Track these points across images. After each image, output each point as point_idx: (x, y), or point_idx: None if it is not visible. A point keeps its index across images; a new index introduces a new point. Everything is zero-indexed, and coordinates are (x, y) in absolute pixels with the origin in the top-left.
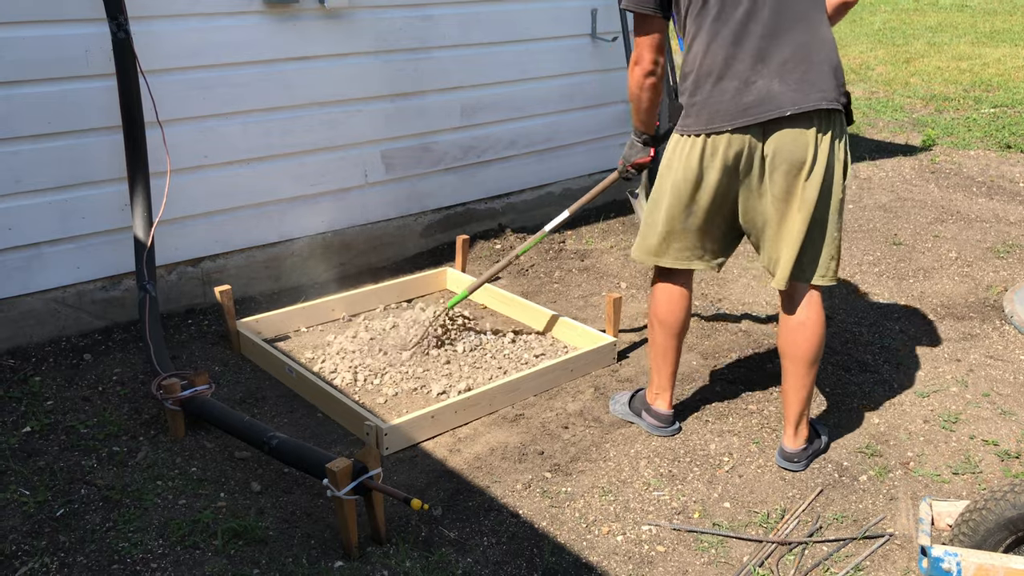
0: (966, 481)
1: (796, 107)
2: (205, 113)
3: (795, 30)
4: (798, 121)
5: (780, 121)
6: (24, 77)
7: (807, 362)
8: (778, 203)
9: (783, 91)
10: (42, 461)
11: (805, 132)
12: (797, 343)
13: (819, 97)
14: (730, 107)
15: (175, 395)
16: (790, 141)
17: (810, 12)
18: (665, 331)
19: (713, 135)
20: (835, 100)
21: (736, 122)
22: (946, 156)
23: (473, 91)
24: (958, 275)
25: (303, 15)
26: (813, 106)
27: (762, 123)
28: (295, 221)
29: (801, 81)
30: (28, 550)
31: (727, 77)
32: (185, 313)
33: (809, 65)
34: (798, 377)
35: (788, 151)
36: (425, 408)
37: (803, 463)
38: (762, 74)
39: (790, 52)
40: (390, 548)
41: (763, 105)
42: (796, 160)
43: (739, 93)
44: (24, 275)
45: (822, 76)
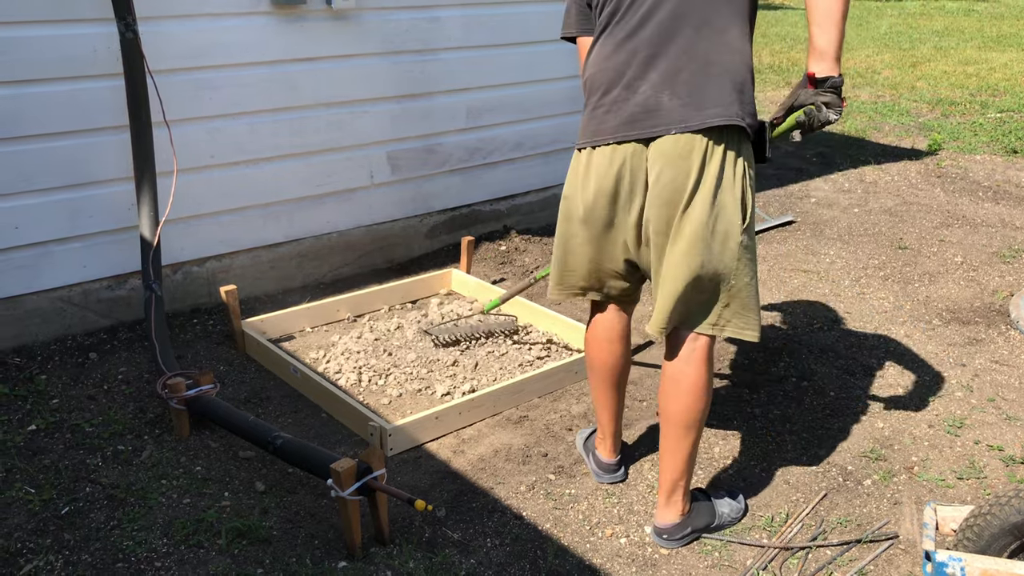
0: (971, 486)
1: (683, 124)
2: (212, 113)
3: (694, 37)
4: (683, 141)
5: (665, 140)
6: (33, 76)
7: (678, 425)
8: (658, 237)
9: (671, 105)
10: (47, 459)
11: (689, 156)
12: (667, 400)
13: (713, 114)
14: (614, 119)
15: (180, 394)
16: (672, 163)
17: (713, 17)
18: (594, 373)
19: (599, 147)
20: (732, 117)
21: (618, 135)
22: (952, 161)
23: (479, 93)
24: (964, 280)
25: (310, 16)
26: (702, 124)
27: (645, 140)
28: (301, 221)
29: (692, 95)
30: (33, 548)
31: (617, 86)
32: (190, 313)
33: (705, 77)
34: (668, 440)
35: (669, 175)
36: (429, 409)
37: (676, 541)
38: (651, 83)
39: (685, 62)
40: (394, 549)
41: (648, 119)
42: (676, 187)
43: (625, 104)
44: (31, 273)
45: (720, 90)
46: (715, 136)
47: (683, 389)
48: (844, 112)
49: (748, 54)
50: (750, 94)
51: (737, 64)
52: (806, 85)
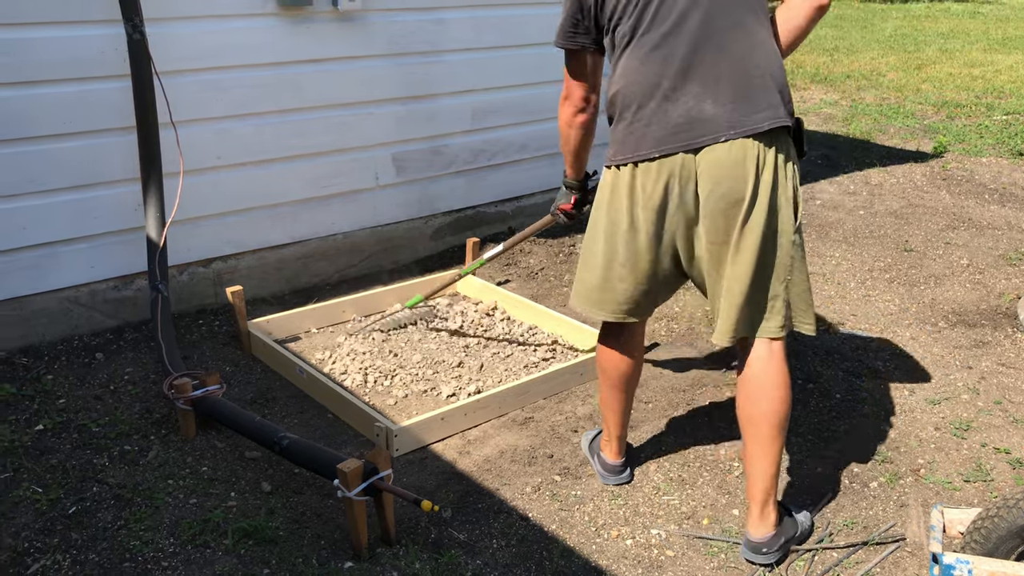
0: (977, 489)
1: (733, 131)
2: (218, 114)
3: (729, 40)
4: (735, 149)
5: (715, 150)
6: (40, 78)
7: (768, 427)
8: (715, 247)
9: (717, 112)
10: (55, 459)
11: (743, 163)
12: (754, 403)
13: (762, 117)
14: (657, 131)
15: (186, 395)
16: (727, 174)
17: (746, 18)
18: (606, 381)
19: (642, 163)
20: (781, 118)
21: (664, 147)
22: (958, 163)
23: (484, 94)
24: (970, 282)
25: (316, 18)
26: (753, 128)
27: (694, 150)
28: (307, 223)
29: (738, 99)
30: (41, 547)
31: (653, 98)
32: (196, 313)
33: (747, 79)
34: (760, 447)
35: (725, 186)
36: (435, 410)
37: (774, 555)
38: (692, 93)
39: (724, 66)
40: (400, 549)
41: (694, 129)
42: (733, 197)
43: (666, 115)
44: (38, 274)
45: (765, 91)
46: (765, 139)
47: (770, 389)
48: (850, 114)
49: (778, 54)
50: (789, 94)
51: (773, 64)
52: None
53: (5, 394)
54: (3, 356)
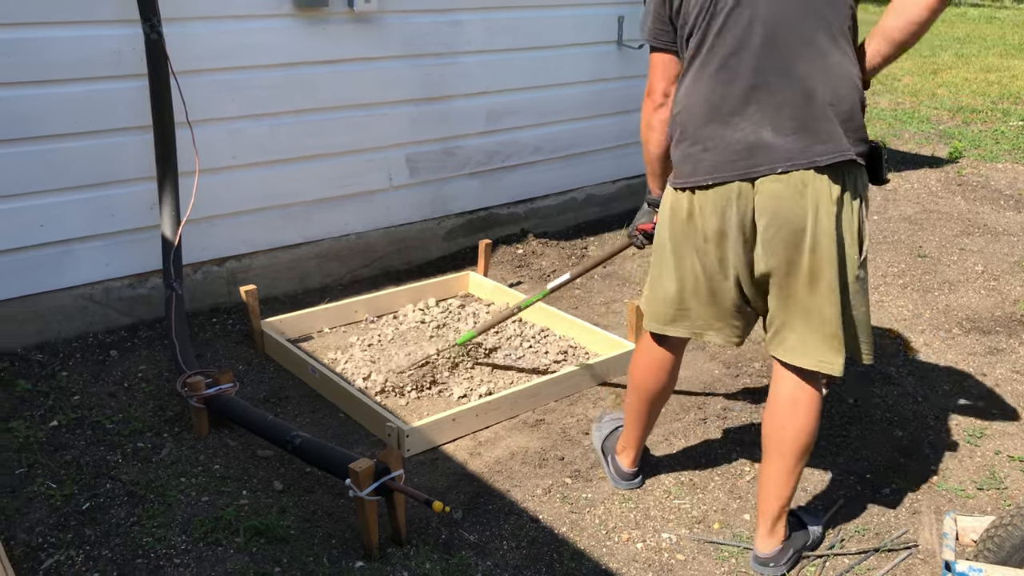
0: (991, 497)
1: (790, 163)
2: (234, 114)
3: (796, 62)
4: (793, 181)
5: (772, 180)
6: (59, 77)
7: (792, 449)
8: (778, 278)
9: (776, 142)
10: (69, 455)
11: (802, 195)
12: (782, 425)
13: (822, 151)
14: (713, 157)
15: (199, 393)
16: (786, 205)
17: (817, 35)
18: (639, 396)
19: (698, 190)
20: (843, 152)
21: (718, 175)
22: (973, 168)
23: (498, 96)
24: (984, 289)
25: (332, 19)
26: (811, 162)
27: (750, 180)
28: (320, 223)
29: (800, 130)
30: (54, 542)
31: (712, 122)
32: (210, 312)
33: (810, 108)
34: (780, 466)
35: (784, 217)
36: (447, 411)
37: (782, 567)
38: (751, 118)
39: (788, 91)
40: (410, 549)
41: (752, 158)
42: (793, 228)
43: (724, 141)
44: (54, 271)
45: (828, 122)
46: (827, 173)
47: (801, 411)
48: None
49: (855, 75)
50: (859, 120)
51: (843, 89)
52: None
53: (21, 390)
54: (19, 352)
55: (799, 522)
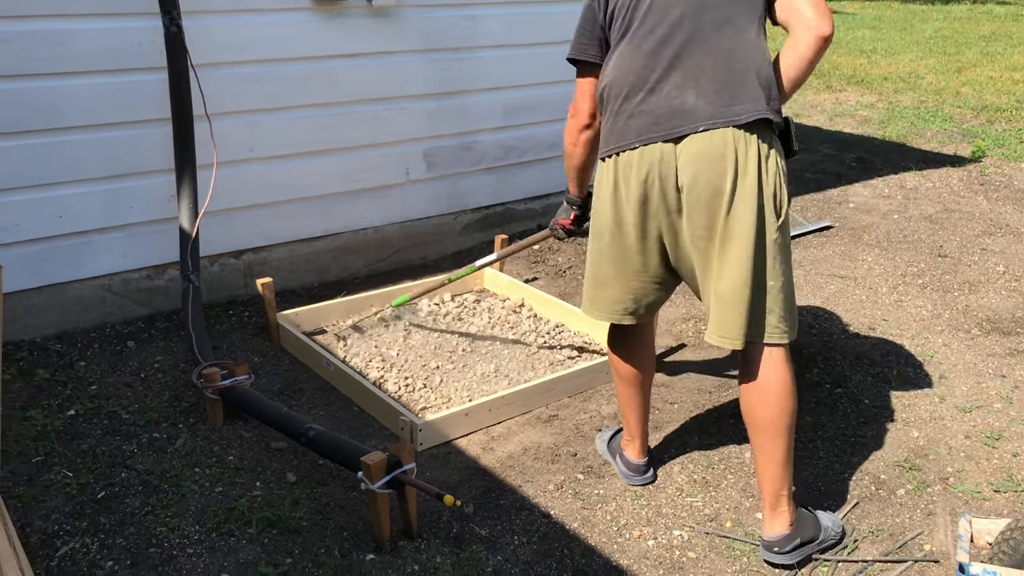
0: (1007, 499)
1: (712, 120)
2: (253, 107)
3: (715, 35)
4: (715, 141)
5: (694, 140)
6: (80, 69)
7: (771, 431)
8: (700, 242)
9: (698, 103)
10: (85, 444)
11: (723, 156)
12: (753, 409)
13: (741, 110)
14: (638, 122)
15: (215, 384)
16: (706, 165)
17: (736, 17)
18: (621, 382)
19: (625, 152)
20: (761, 112)
21: (643, 137)
22: (996, 168)
23: (516, 91)
24: (1005, 289)
25: (351, 13)
26: (733, 119)
27: (674, 140)
28: (337, 216)
29: (720, 92)
30: (70, 530)
31: (640, 91)
32: (226, 304)
33: (730, 74)
34: (763, 450)
35: (705, 178)
36: (460, 405)
37: (790, 554)
38: (675, 83)
39: (709, 60)
40: (421, 543)
41: (674, 119)
42: (713, 189)
43: (649, 106)
44: (73, 262)
45: (746, 85)
46: (747, 130)
47: (771, 394)
48: (887, 117)
49: (768, 54)
50: (775, 91)
51: (760, 60)
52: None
53: (39, 379)
54: (38, 342)
55: (808, 511)
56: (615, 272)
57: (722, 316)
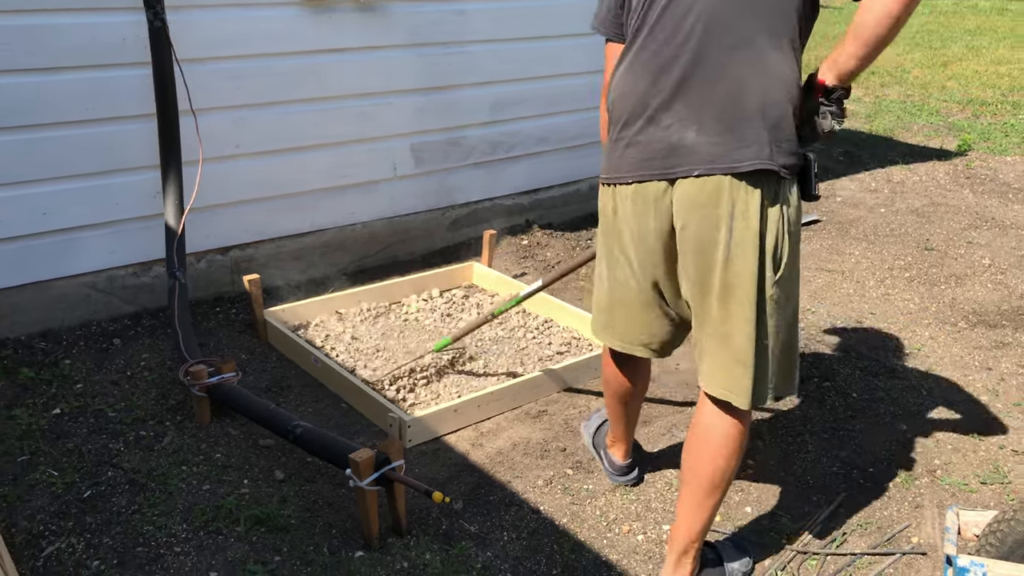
0: (994, 491)
1: (708, 165)
2: (238, 103)
3: (730, 61)
4: (709, 188)
5: (689, 184)
6: (62, 64)
7: (702, 484)
8: (693, 287)
9: (698, 143)
10: (71, 443)
11: (717, 203)
12: (693, 456)
13: (742, 156)
14: (635, 154)
15: (202, 382)
16: (700, 213)
17: (757, 37)
18: (610, 393)
19: (619, 186)
20: (764, 161)
21: (638, 173)
22: (982, 162)
23: (504, 86)
24: (991, 282)
25: (338, 7)
26: (731, 167)
27: (668, 180)
28: (324, 212)
29: (723, 132)
30: (55, 530)
31: (640, 117)
32: (213, 301)
33: (739, 110)
34: (689, 499)
35: (695, 224)
36: (448, 401)
37: None
38: (677, 115)
39: (716, 91)
40: (410, 540)
41: (671, 157)
42: (705, 237)
43: (648, 137)
44: (58, 259)
45: (753, 127)
46: (747, 179)
47: (714, 445)
48: (873, 111)
49: (792, 80)
50: (789, 129)
51: (776, 94)
52: (812, 92)
53: (24, 378)
54: (23, 340)
55: (717, 559)
56: (621, 307)
57: (732, 372)
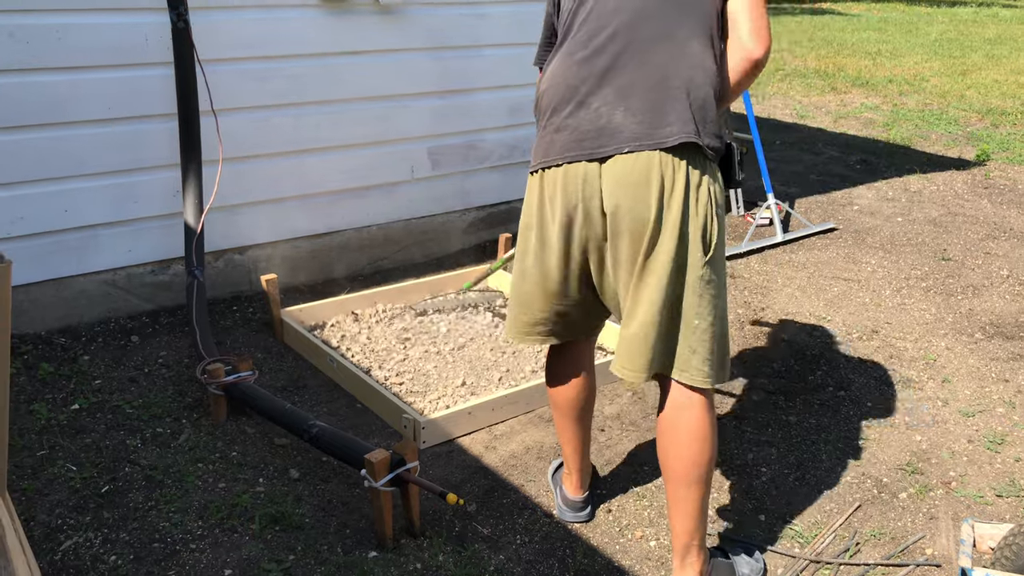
0: (1010, 504)
1: (637, 142)
2: (258, 104)
3: (654, 49)
4: (639, 165)
5: (618, 162)
6: (87, 63)
7: (681, 479)
8: (619, 270)
9: (625, 123)
10: (89, 438)
11: (647, 183)
12: (666, 452)
13: (669, 132)
14: (565, 138)
15: (219, 380)
16: (630, 191)
17: (678, 31)
18: (556, 411)
19: (550, 170)
20: (690, 135)
21: (568, 154)
22: (1001, 171)
23: (521, 90)
24: (1009, 293)
25: (357, 10)
26: (657, 143)
27: (598, 161)
28: (342, 213)
29: (648, 112)
30: (73, 524)
31: (569, 103)
32: (231, 300)
33: (661, 93)
34: (674, 497)
35: (628, 205)
36: (463, 404)
37: None
38: (605, 99)
39: (641, 76)
40: (424, 541)
41: (600, 137)
42: (637, 218)
43: (577, 121)
44: (78, 256)
45: (678, 105)
46: (675, 153)
47: (683, 438)
48: (891, 119)
49: (712, 71)
50: (713, 112)
51: (699, 80)
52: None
53: (44, 373)
54: (43, 336)
55: (723, 554)
56: (538, 293)
57: (628, 347)
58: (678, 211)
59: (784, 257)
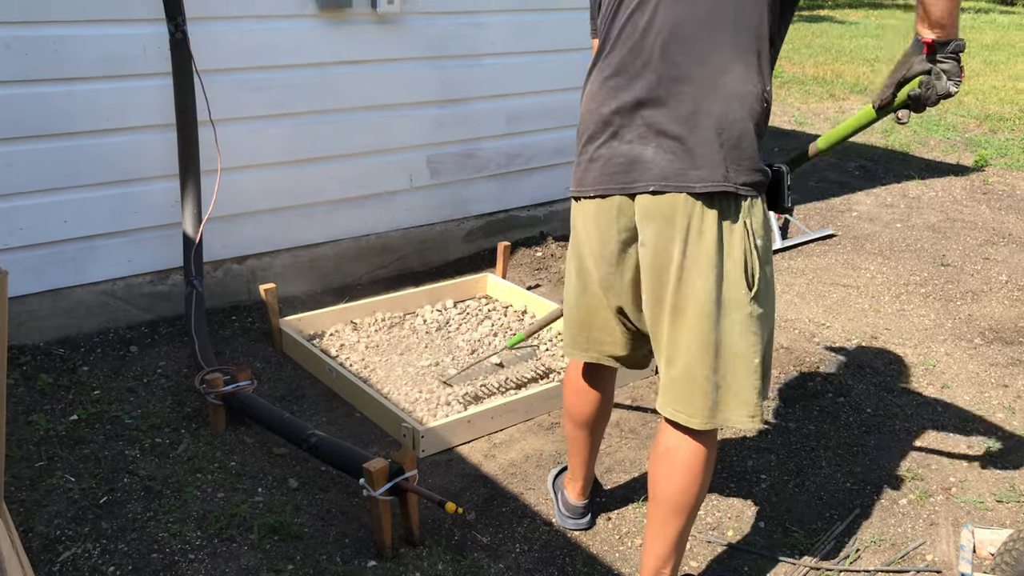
0: (1010, 510)
1: (663, 183)
2: (257, 114)
3: (690, 77)
4: (664, 204)
5: (646, 199)
6: (85, 74)
7: (667, 507)
8: (650, 303)
9: (655, 159)
10: (87, 449)
11: (672, 220)
12: (657, 477)
13: (697, 177)
14: (596, 170)
15: (217, 390)
16: (655, 229)
17: (713, 56)
18: (571, 421)
19: (583, 200)
20: (718, 183)
21: (600, 187)
22: (999, 177)
23: (520, 99)
24: (1008, 299)
25: (355, 19)
26: (685, 187)
27: (630, 195)
28: (340, 223)
29: (679, 150)
30: (72, 535)
31: (604, 132)
32: (229, 309)
33: (696, 129)
34: (655, 522)
35: (652, 241)
36: (462, 412)
37: None
38: (638, 132)
39: (674, 111)
40: (423, 550)
41: (630, 172)
42: (661, 253)
43: (609, 151)
44: (77, 267)
45: (710, 148)
46: (703, 199)
47: (677, 467)
48: (890, 126)
49: (754, 95)
50: (751, 148)
51: (735, 114)
52: (920, 52)
53: (42, 384)
54: (41, 347)
55: None
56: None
57: (681, 391)
58: (709, 252)
59: (783, 263)
